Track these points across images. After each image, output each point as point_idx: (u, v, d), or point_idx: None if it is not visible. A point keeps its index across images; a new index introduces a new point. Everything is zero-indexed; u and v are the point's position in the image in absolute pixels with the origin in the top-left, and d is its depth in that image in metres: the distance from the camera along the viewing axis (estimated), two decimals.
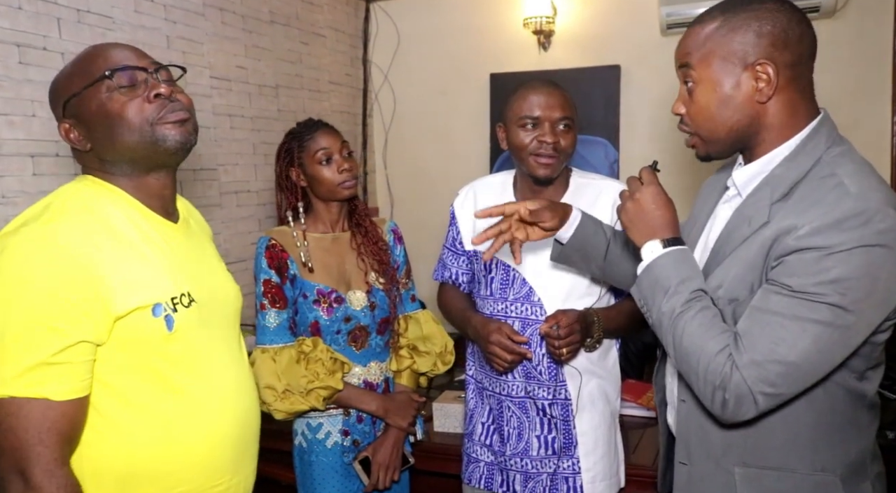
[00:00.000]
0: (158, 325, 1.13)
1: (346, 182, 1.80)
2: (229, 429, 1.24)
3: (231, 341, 1.32)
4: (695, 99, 1.16)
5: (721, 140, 1.16)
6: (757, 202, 1.13)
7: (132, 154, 1.17)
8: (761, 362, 1.03)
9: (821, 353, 1.03)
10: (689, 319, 1.11)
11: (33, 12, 2.03)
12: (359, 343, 1.83)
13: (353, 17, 3.71)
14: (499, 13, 3.56)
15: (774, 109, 1.12)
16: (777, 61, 1.08)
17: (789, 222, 1.04)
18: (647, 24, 3.27)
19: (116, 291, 1.09)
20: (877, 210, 1.00)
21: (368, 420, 1.86)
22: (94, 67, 1.16)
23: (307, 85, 3.34)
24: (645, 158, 3.48)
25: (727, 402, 1.06)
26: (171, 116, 1.17)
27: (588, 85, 3.34)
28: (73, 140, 1.18)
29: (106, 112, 1.14)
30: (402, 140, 3.86)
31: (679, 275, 1.15)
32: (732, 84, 1.11)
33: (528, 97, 1.64)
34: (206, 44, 2.69)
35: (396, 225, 2.01)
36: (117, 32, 2.29)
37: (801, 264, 1.02)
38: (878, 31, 2.94)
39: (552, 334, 1.54)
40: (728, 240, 1.16)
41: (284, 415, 1.74)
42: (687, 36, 1.17)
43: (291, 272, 1.78)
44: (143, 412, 1.14)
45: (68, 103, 1.17)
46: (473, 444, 1.80)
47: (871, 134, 2.96)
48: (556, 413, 1.67)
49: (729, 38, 1.10)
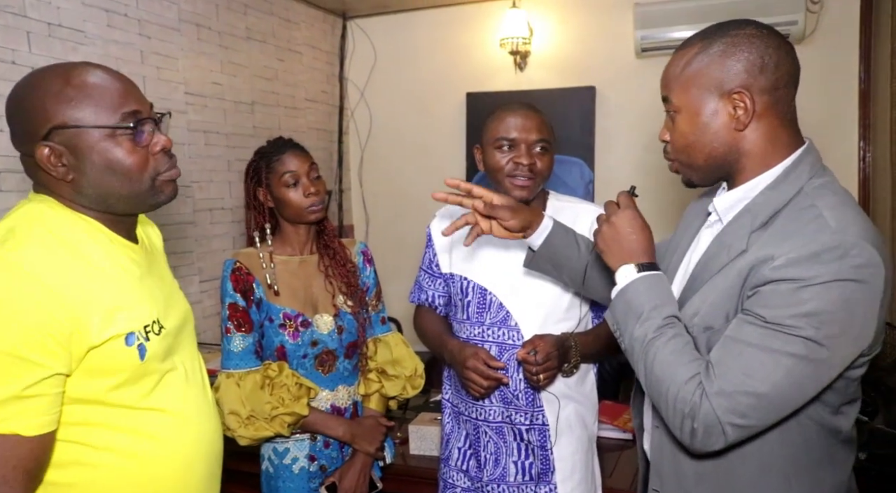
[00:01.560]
0: (131, 354, 1.09)
1: (313, 206, 1.77)
2: (196, 452, 1.21)
3: (193, 363, 1.29)
4: (676, 126, 1.16)
5: (700, 167, 1.16)
6: (737, 230, 1.12)
7: (118, 199, 1.13)
8: (731, 393, 1.02)
9: (793, 386, 1.01)
10: (661, 345, 1.10)
11: (2, 25, 1.99)
12: (326, 367, 1.80)
13: (330, 34, 3.71)
14: (475, 33, 3.58)
15: (753, 136, 1.11)
16: (753, 89, 1.08)
17: (766, 252, 1.03)
18: (623, 47, 3.32)
19: (93, 319, 1.04)
20: (853, 244, 0.98)
21: (336, 445, 1.83)
22: (104, 104, 1.08)
23: (283, 102, 3.32)
24: (620, 179, 3.53)
25: (696, 431, 1.05)
26: (170, 173, 1.16)
27: (563, 105, 3.37)
28: (50, 165, 1.08)
29: (108, 159, 1.09)
30: (378, 158, 3.86)
31: (652, 301, 1.14)
32: (710, 112, 1.11)
33: (504, 119, 1.63)
34: (181, 59, 2.67)
35: (367, 246, 1.99)
36: (89, 47, 2.26)
37: (776, 296, 1.00)
38: (846, 58, 3.01)
39: (529, 360, 1.53)
40: (706, 267, 1.15)
41: (249, 441, 1.71)
42: (668, 65, 1.18)
43: (257, 296, 1.75)
44: (108, 440, 1.10)
45: (57, 130, 1.07)
46: (450, 469, 1.78)
47: (838, 160, 3.01)
48: (534, 439, 1.66)
49: (705, 66, 1.10)
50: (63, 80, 1.08)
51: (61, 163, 1.08)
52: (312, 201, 1.76)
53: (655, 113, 3.78)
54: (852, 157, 3.03)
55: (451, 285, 1.75)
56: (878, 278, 0.99)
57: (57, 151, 1.08)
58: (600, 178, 3.41)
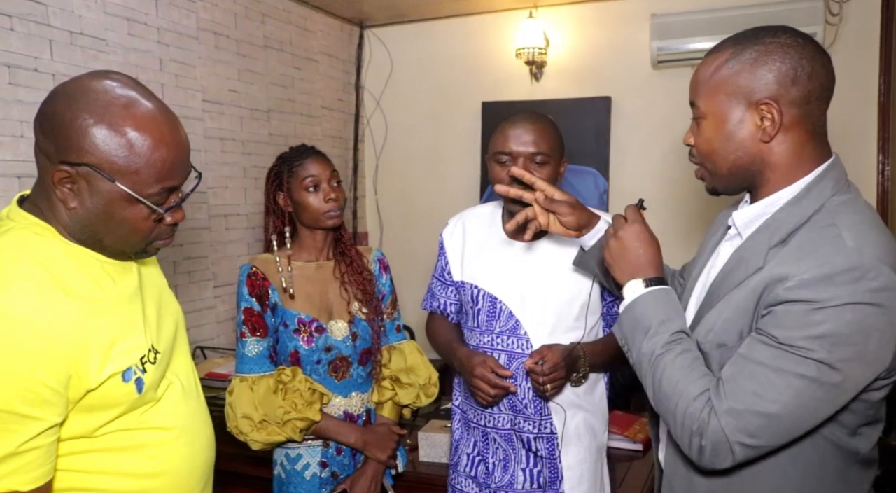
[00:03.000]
0: (128, 390, 1.04)
1: (332, 212, 1.78)
2: (191, 463, 1.18)
3: (188, 373, 1.24)
4: (701, 132, 1.14)
5: (723, 176, 1.14)
6: (755, 246, 1.09)
7: (104, 245, 1.08)
8: (741, 412, 1.00)
9: (803, 408, 1.00)
10: (670, 361, 1.09)
11: (25, 33, 2.02)
12: (340, 373, 1.81)
13: (347, 42, 3.74)
14: (492, 43, 3.59)
15: (780, 148, 1.08)
16: (782, 100, 1.05)
17: (782, 270, 1.01)
18: (639, 58, 3.31)
19: (89, 362, 0.99)
20: (871, 267, 0.96)
21: (348, 452, 1.83)
22: (149, 176, 1.02)
23: (299, 109, 3.34)
24: (635, 189, 3.51)
25: (704, 449, 1.03)
26: (165, 241, 1.13)
27: (579, 116, 3.36)
28: (58, 187, 1.01)
29: (119, 216, 1.04)
30: (393, 166, 3.87)
31: (660, 316, 1.13)
32: (737, 120, 1.08)
33: (503, 132, 1.64)
34: (198, 67, 2.70)
35: (383, 254, 2.00)
36: (110, 55, 2.29)
37: (790, 316, 0.99)
38: (865, 69, 2.99)
39: (536, 371, 1.53)
40: (724, 282, 1.13)
41: (261, 445, 1.71)
42: (697, 70, 1.14)
43: (272, 301, 1.76)
44: (104, 464, 1.07)
45: (85, 165, 0.99)
46: (458, 475, 1.78)
47: (857, 171, 2.99)
48: (542, 447, 1.65)
49: (735, 74, 1.07)
50: (126, 125, 0.99)
51: (72, 190, 1.02)
52: (331, 207, 1.78)
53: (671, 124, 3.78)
54: (871, 170, 3.00)
55: (463, 292, 1.75)
56: (895, 301, 0.96)
57: (74, 180, 1.01)
58: (615, 188, 3.40)
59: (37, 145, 1.04)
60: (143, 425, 1.10)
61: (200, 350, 2.70)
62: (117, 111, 0.99)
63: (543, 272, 1.66)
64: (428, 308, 1.88)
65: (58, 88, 1.03)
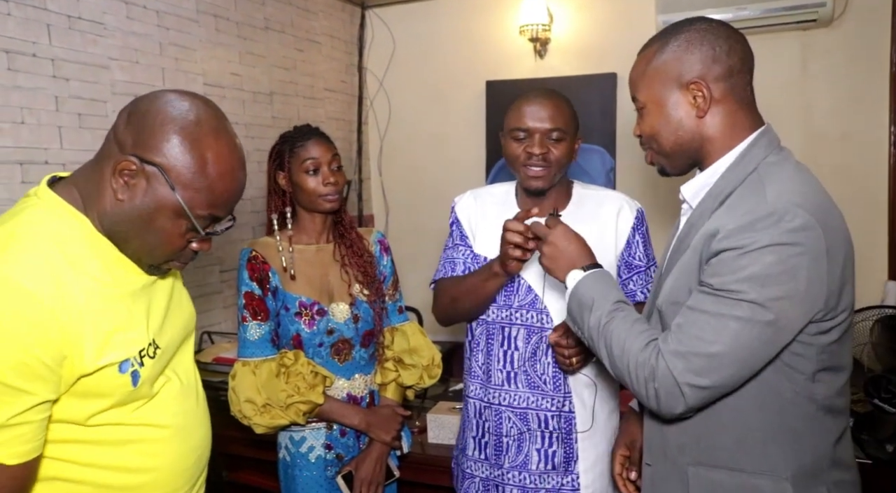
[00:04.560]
0: (124, 381, 1.05)
1: (329, 195, 1.77)
2: (187, 462, 1.19)
3: (188, 373, 1.25)
4: (644, 120, 1.26)
5: (668, 154, 1.25)
6: (702, 213, 1.20)
7: (126, 245, 1.09)
8: (685, 354, 1.09)
9: (742, 348, 1.08)
10: (615, 326, 1.20)
11: (23, 18, 2.00)
12: (342, 356, 1.80)
13: (349, 23, 3.70)
14: (495, 20, 3.54)
15: (713, 121, 1.20)
16: (708, 77, 1.17)
17: (715, 226, 1.12)
18: (644, 33, 3.22)
19: (86, 346, 0.99)
20: (786, 210, 1.06)
21: (352, 434, 1.84)
22: (207, 199, 1.06)
23: (302, 92, 3.32)
24: (641, 166, 3.48)
25: (658, 393, 1.12)
26: (178, 264, 1.16)
27: (584, 93, 3.32)
28: (117, 175, 1.03)
29: (157, 224, 1.06)
30: (398, 148, 3.84)
31: (600, 291, 1.25)
32: (673, 103, 1.21)
33: (520, 108, 1.63)
34: (199, 50, 2.67)
35: (384, 236, 1.98)
36: (109, 39, 2.27)
37: (721, 265, 1.08)
38: (876, 40, 2.93)
39: (561, 344, 1.51)
40: (678, 250, 1.24)
41: (264, 429, 1.72)
42: (632, 68, 1.28)
43: (273, 284, 1.76)
44: (96, 456, 1.07)
45: (156, 169, 1.03)
46: (467, 459, 1.77)
47: (868, 143, 2.95)
48: (559, 426, 1.64)
49: (664, 63, 1.21)
50: (205, 147, 1.05)
51: (127, 184, 1.04)
52: (329, 191, 1.76)
53: None
54: (883, 142, 2.95)
55: (477, 265, 1.71)
56: (815, 240, 1.05)
57: (135, 175, 1.04)
58: (622, 165, 3.37)
59: (113, 132, 1.07)
60: (137, 421, 1.10)
61: (207, 335, 2.70)
62: (204, 132, 1.05)
63: None
64: (449, 273, 1.76)
65: (160, 92, 1.08)
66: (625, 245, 1.66)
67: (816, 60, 3.02)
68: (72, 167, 2.15)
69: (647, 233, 1.71)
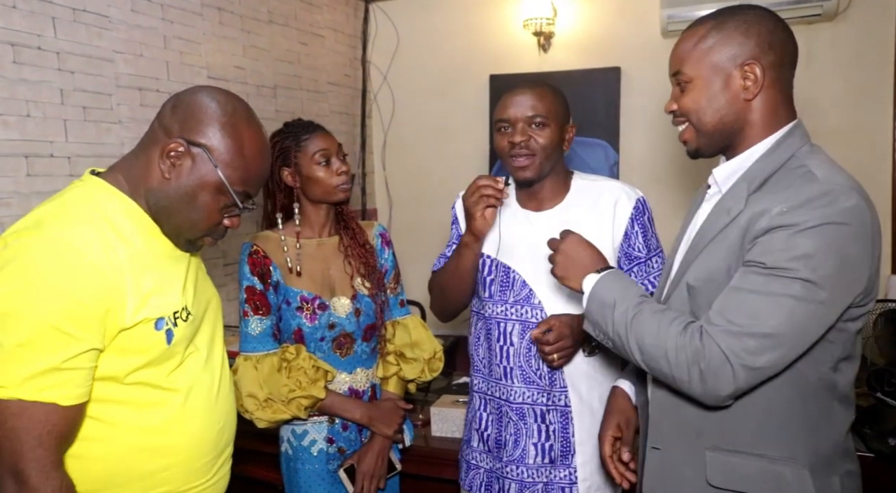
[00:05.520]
0: (159, 338, 1.17)
1: (343, 184, 1.78)
2: (210, 433, 1.29)
3: (215, 348, 1.36)
4: (688, 95, 1.24)
5: (709, 133, 1.24)
6: (735, 195, 1.20)
7: (168, 221, 1.22)
8: (737, 334, 1.08)
9: (795, 327, 1.07)
10: (644, 318, 1.18)
11: (28, 11, 2.01)
12: (344, 350, 1.81)
13: (353, 17, 3.69)
14: (499, 14, 3.54)
15: (758, 106, 1.20)
16: (763, 62, 1.18)
17: (762, 206, 1.12)
18: (648, 27, 3.25)
19: (128, 302, 1.12)
20: (840, 191, 1.07)
21: (354, 428, 1.84)
22: (244, 176, 1.21)
23: (305, 85, 3.32)
24: (645, 160, 3.48)
25: (704, 374, 1.10)
26: (209, 241, 1.28)
27: (588, 87, 3.32)
28: (165, 156, 1.17)
29: (198, 198, 1.19)
30: (401, 141, 3.84)
31: (620, 289, 1.25)
32: (722, 82, 1.20)
33: (503, 101, 1.65)
34: (203, 44, 2.68)
35: (385, 229, 1.98)
36: (113, 32, 2.28)
37: (773, 242, 1.08)
38: (881, 34, 2.92)
39: (542, 340, 1.53)
40: (707, 231, 1.23)
41: (266, 424, 1.73)
42: (679, 43, 1.26)
43: (274, 279, 1.76)
44: (128, 417, 1.17)
45: (202, 150, 1.18)
46: (472, 451, 1.78)
47: (872, 138, 2.94)
48: (555, 420, 1.65)
49: (719, 41, 1.20)
50: (243, 132, 1.21)
51: (174, 165, 1.18)
52: (343, 180, 1.78)
53: None
54: (887, 136, 2.95)
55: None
56: (866, 222, 1.08)
57: (181, 156, 1.17)
58: (625, 160, 3.37)
59: (158, 121, 1.21)
60: (168, 384, 1.21)
61: None
62: (239, 119, 1.22)
63: None
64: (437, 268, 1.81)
65: (199, 87, 1.25)
66: (623, 236, 1.64)
67: (821, 55, 3.01)
68: (77, 160, 2.17)
69: (650, 222, 1.68)
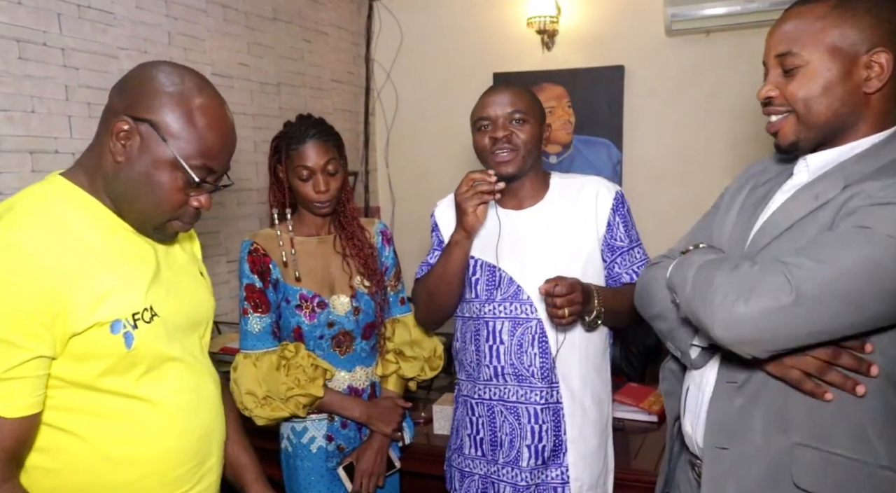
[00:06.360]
0: (116, 342, 1.08)
1: (320, 203, 1.76)
2: (187, 443, 1.20)
3: (195, 353, 1.27)
4: (798, 82, 1.10)
5: (818, 126, 1.11)
6: (828, 183, 1.09)
7: (130, 208, 1.14)
8: (804, 262, 0.99)
9: (870, 282, 0.97)
10: (714, 261, 1.11)
11: (33, 7, 2.01)
12: (343, 348, 1.81)
13: (356, 14, 3.69)
14: (502, 12, 3.53)
15: (878, 101, 1.08)
16: (893, 51, 1.04)
17: (870, 186, 1.02)
18: (652, 25, 3.25)
19: (77, 305, 1.04)
20: None
21: (353, 426, 1.85)
22: (199, 147, 1.11)
23: (309, 83, 3.32)
24: (649, 159, 3.46)
25: (752, 291, 0.99)
26: (182, 225, 1.19)
27: (592, 85, 3.32)
28: (115, 138, 1.09)
29: (155, 178, 1.11)
30: (405, 139, 3.84)
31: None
32: (843, 70, 1.06)
33: (481, 101, 1.66)
34: (207, 40, 2.68)
35: (386, 226, 1.98)
36: (118, 28, 2.28)
37: (885, 213, 0.98)
38: None
39: (552, 293, 1.47)
40: (787, 216, 1.12)
41: (265, 421, 1.73)
42: (791, 19, 1.11)
43: (274, 277, 1.76)
44: (97, 428, 1.10)
45: (149, 124, 1.09)
46: (464, 458, 1.76)
47: None
48: (548, 418, 1.65)
49: (841, 24, 1.06)
50: (191, 102, 1.11)
51: (125, 146, 1.10)
52: (321, 198, 1.75)
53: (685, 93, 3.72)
54: None
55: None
56: None
57: (130, 135, 1.09)
58: (628, 159, 3.36)
59: (106, 107, 1.14)
60: (135, 393, 1.13)
61: (215, 325, 2.71)
62: (189, 89, 1.12)
63: (540, 236, 1.65)
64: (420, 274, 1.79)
65: (145, 63, 1.16)
66: (605, 228, 1.65)
67: None
68: None
69: (629, 214, 1.69)
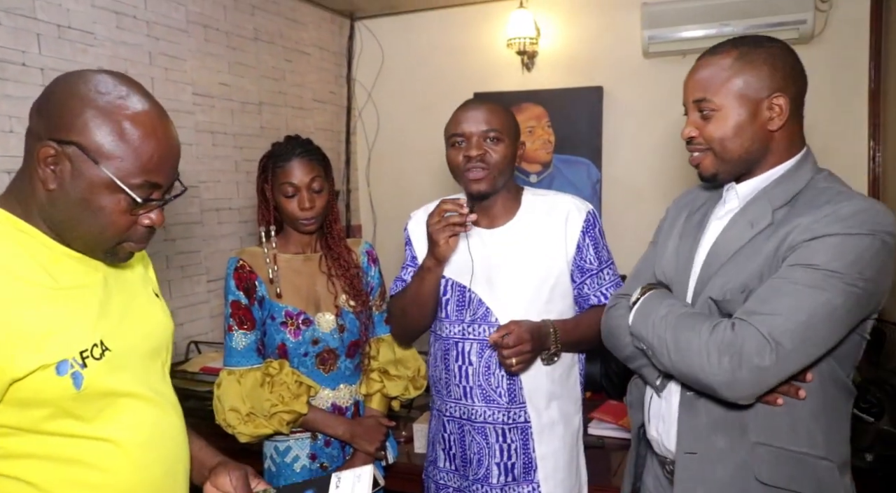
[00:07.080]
0: (64, 384, 0.98)
1: (306, 220, 1.77)
2: (149, 479, 1.10)
3: (154, 385, 1.16)
4: (713, 124, 1.26)
5: (733, 161, 1.27)
6: (758, 209, 1.24)
7: (74, 235, 1.04)
8: (772, 314, 1.11)
9: (828, 323, 1.11)
10: (685, 318, 1.21)
11: (12, 27, 2.01)
12: (327, 366, 1.81)
13: (338, 35, 3.72)
14: (483, 33, 3.58)
15: (780, 136, 1.25)
16: (788, 94, 1.22)
17: (803, 219, 1.16)
18: (630, 47, 3.31)
19: (15, 348, 0.94)
20: (882, 208, 1.16)
21: (336, 444, 1.84)
22: (136, 163, 1.00)
23: (291, 102, 3.33)
24: (627, 179, 3.51)
25: (741, 359, 1.10)
26: (137, 246, 1.09)
27: (571, 105, 3.36)
28: (43, 164, 0.99)
29: (95, 203, 1.00)
30: (386, 158, 3.86)
31: (662, 298, 1.30)
32: (750, 113, 1.23)
33: (456, 116, 1.66)
34: (189, 60, 2.68)
35: (372, 246, 1.99)
36: (98, 48, 2.28)
37: (825, 247, 1.12)
38: (856, 57, 2.99)
39: (500, 343, 1.50)
40: (729, 244, 1.26)
41: (248, 438, 1.72)
42: (701, 69, 1.27)
43: (259, 294, 1.76)
44: (52, 474, 1.01)
45: (75, 147, 0.98)
46: (439, 471, 1.76)
47: (847, 159, 2.99)
48: (516, 437, 1.64)
49: (744, 73, 1.22)
50: (119, 113, 1.00)
51: (54, 171, 0.99)
52: (306, 215, 1.76)
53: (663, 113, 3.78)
54: (862, 157, 3.01)
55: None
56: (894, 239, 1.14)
57: (58, 160, 0.99)
58: (608, 178, 3.40)
59: (28, 130, 1.03)
60: (89, 434, 1.04)
61: (194, 345, 2.69)
62: (113, 100, 1.00)
63: (510, 258, 1.64)
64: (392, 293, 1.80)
65: (61, 76, 1.04)
66: (575, 250, 1.65)
67: None
68: None
69: (600, 234, 1.69)
